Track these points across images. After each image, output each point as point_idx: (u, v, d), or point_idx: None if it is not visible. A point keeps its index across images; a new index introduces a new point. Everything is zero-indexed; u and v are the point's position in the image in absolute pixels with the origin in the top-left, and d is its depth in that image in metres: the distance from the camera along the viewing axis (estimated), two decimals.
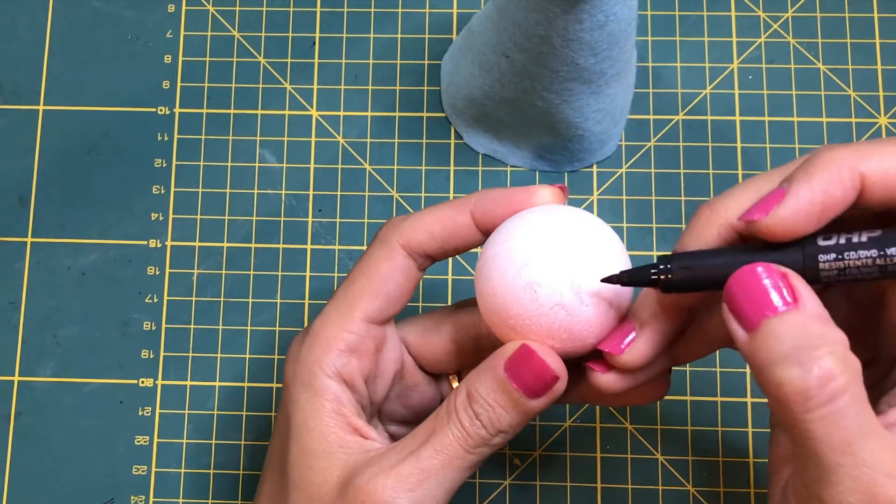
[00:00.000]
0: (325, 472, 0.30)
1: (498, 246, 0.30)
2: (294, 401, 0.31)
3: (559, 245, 0.29)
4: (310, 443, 0.31)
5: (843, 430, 0.24)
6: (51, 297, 0.44)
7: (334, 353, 0.31)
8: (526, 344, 0.29)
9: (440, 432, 0.30)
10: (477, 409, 0.30)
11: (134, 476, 0.42)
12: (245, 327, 0.43)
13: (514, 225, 0.30)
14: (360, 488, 0.29)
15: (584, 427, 0.42)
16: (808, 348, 0.24)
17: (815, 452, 0.24)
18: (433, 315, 0.35)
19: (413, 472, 0.29)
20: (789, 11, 0.46)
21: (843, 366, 0.24)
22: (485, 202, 0.32)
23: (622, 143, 0.44)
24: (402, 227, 0.32)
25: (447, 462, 0.29)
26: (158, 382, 0.43)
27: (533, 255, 0.29)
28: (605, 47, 0.37)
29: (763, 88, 0.45)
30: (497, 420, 0.30)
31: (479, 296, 0.31)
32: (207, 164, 0.45)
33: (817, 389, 0.24)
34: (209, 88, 0.46)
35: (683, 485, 0.41)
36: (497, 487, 0.42)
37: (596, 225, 0.30)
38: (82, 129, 0.45)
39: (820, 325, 0.25)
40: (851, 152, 0.26)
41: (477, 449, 0.30)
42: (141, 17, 0.47)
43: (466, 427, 0.30)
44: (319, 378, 0.31)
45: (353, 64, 0.46)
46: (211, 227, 0.44)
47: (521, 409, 0.30)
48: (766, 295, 0.25)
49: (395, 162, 0.45)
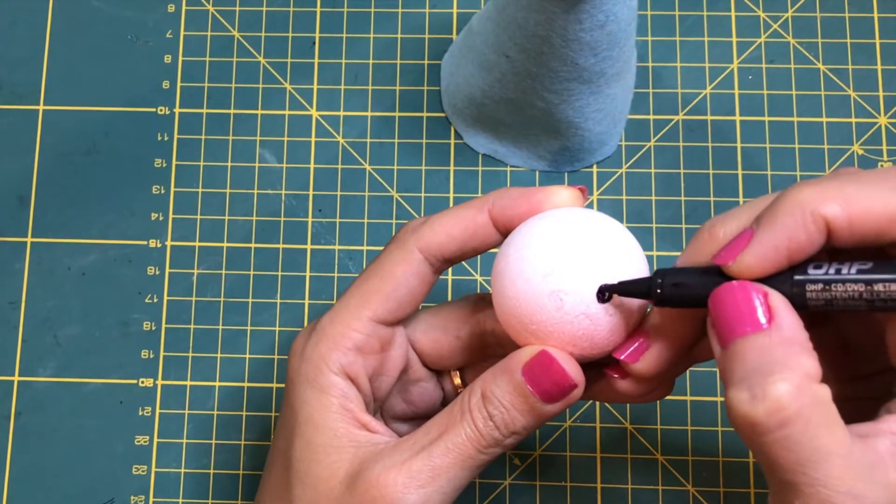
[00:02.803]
0: (333, 465, 0.30)
1: (521, 250, 0.29)
2: (299, 397, 0.31)
3: (586, 253, 0.29)
4: (317, 437, 0.31)
5: (794, 453, 0.24)
6: (51, 297, 0.44)
7: (341, 350, 0.31)
8: (546, 350, 0.29)
9: (453, 430, 0.30)
10: (491, 410, 0.30)
11: (134, 476, 0.42)
12: (245, 327, 0.43)
13: (536, 228, 0.30)
14: (370, 482, 0.29)
15: (583, 427, 0.42)
16: (763, 374, 0.24)
17: (770, 469, 0.24)
18: (438, 311, 0.35)
19: (424, 468, 0.29)
20: (789, 11, 0.46)
21: (795, 394, 0.24)
22: (503, 201, 0.31)
23: (622, 143, 0.44)
24: (421, 230, 0.32)
25: (458, 460, 0.29)
26: (158, 382, 0.43)
27: (559, 262, 0.29)
28: (605, 47, 0.37)
29: (763, 88, 0.45)
30: (511, 422, 0.30)
31: (498, 297, 0.30)
32: (207, 164, 0.45)
33: (764, 417, 0.24)
34: (209, 88, 0.46)
35: (683, 485, 0.41)
36: (497, 487, 0.42)
37: (618, 230, 0.30)
38: (82, 129, 0.45)
39: (784, 349, 0.25)
40: (816, 194, 0.25)
41: (489, 449, 0.30)
42: (141, 17, 0.47)
43: (480, 427, 0.30)
44: (325, 374, 0.31)
45: (353, 64, 0.46)
46: (211, 227, 0.44)
47: (535, 413, 0.30)
48: (741, 313, 0.25)
49: (395, 162, 0.45)
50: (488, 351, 0.34)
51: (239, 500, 0.42)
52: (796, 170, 0.44)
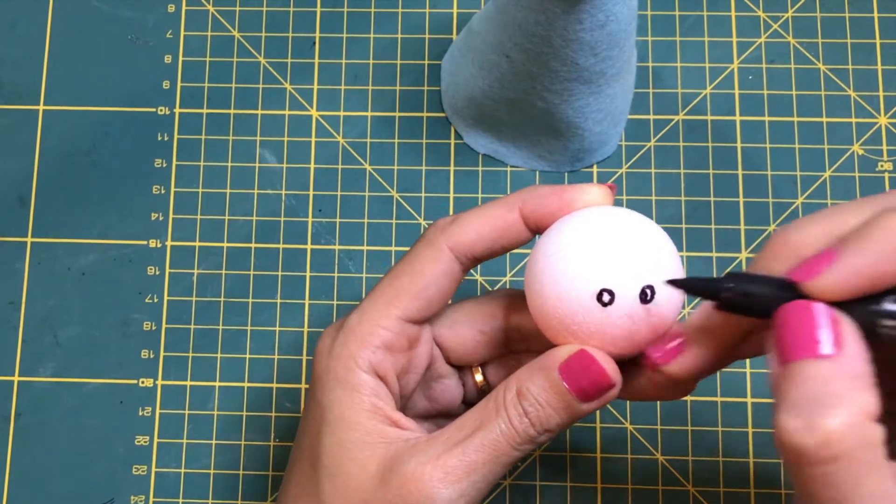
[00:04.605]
0: (365, 461, 0.30)
1: (562, 249, 0.29)
2: (328, 395, 0.31)
3: (629, 252, 0.29)
4: (348, 434, 0.31)
5: (836, 491, 0.23)
6: (51, 297, 0.44)
7: (370, 348, 0.31)
8: (585, 350, 0.29)
9: (487, 427, 0.30)
10: (527, 407, 0.30)
11: (134, 476, 0.42)
12: (245, 327, 0.43)
13: (576, 227, 0.30)
14: (405, 476, 0.29)
15: (584, 427, 0.42)
16: (820, 405, 0.23)
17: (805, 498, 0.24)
18: (462, 306, 0.35)
19: (460, 464, 0.29)
20: (789, 11, 0.46)
21: (849, 432, 0.23)
22: (534, 199, 0.31)
23: (622, 143, 0.44)
24: (450, 229, 0.32)
25: (493, 457, 0.30)
26: (158, 382, 0.43)
27: (604, 262, 0.28)
28: (606, 47, 0.37)
29: (763, 88, 0.45)
30: (546, 420, 0.30)
31: (536, 297, 0.30)
32: (207, 164, 0.45)
33: (814, 449, 0.23)
34: (209, 88, 0.46)
35: (683, 485, 0.41)
36: (497, 487, 0.42)
37: (654, 229, 0.30)
38: (82, 130, 0.45)
39: (847, 383, 0.24)
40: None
41: (522, 446, 0.30)
42: (141, 18, 0.47)
43: (515, 424, 0.30)
44: (355, 373, 0.31)
45: (353, 64, 0.46)
46: (211, 227, 0.44)
47: (571, 412, 0.30)
48: (809, 335, 0.25)
49: (395, 162, 0.45)
50: (511, 346, 0.34)
51: (239, 501, 0.42)
52: (796, 170, 0.44)
